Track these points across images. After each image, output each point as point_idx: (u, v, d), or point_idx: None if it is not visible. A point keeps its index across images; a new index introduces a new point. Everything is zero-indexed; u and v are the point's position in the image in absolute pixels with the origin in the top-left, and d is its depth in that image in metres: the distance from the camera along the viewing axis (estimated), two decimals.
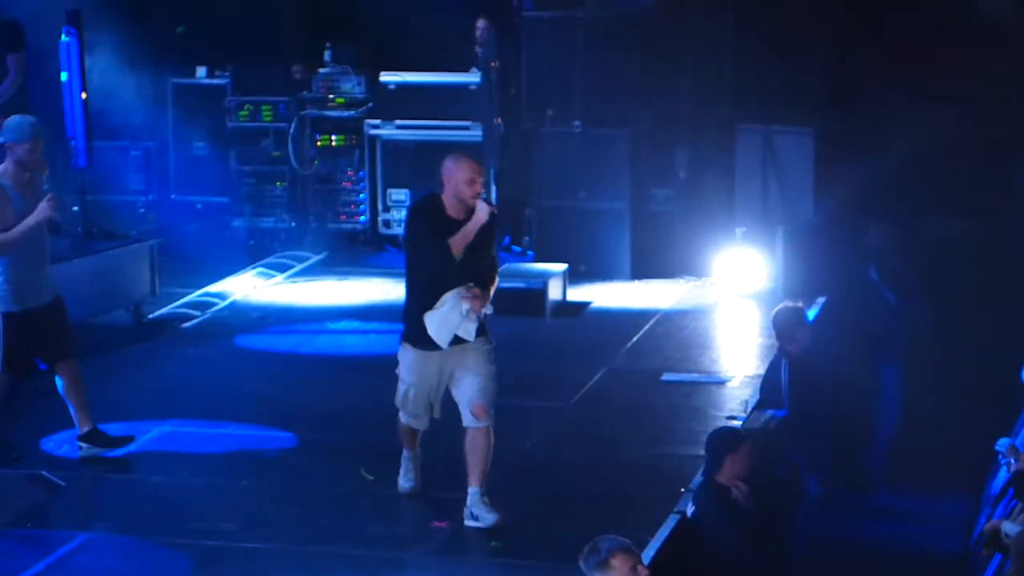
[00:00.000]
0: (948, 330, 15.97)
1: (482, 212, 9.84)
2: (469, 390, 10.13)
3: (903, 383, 14.94)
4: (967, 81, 19.05)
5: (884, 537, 13.35)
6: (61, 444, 11.73)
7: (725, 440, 9.95)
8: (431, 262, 9.91)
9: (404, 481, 10.75)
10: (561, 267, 16.37)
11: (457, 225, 9.86)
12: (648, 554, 8.87)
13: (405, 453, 10.75)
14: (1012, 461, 10.01)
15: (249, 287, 16.85)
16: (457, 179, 9.90)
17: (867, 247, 15.45)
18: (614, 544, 7.64)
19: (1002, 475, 11.55)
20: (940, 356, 15.50)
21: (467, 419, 10.18)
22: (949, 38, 18.74)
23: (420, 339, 10.09)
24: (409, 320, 10.16)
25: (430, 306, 9.97)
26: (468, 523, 10.13)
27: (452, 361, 10.16)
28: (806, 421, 11.47)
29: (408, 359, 10.26)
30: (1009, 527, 9.34)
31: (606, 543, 7.64)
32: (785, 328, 11.81)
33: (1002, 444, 10.33)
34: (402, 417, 10.51)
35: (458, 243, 9.82)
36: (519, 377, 13.55)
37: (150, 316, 15.53)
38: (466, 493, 10.18)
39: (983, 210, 18.12)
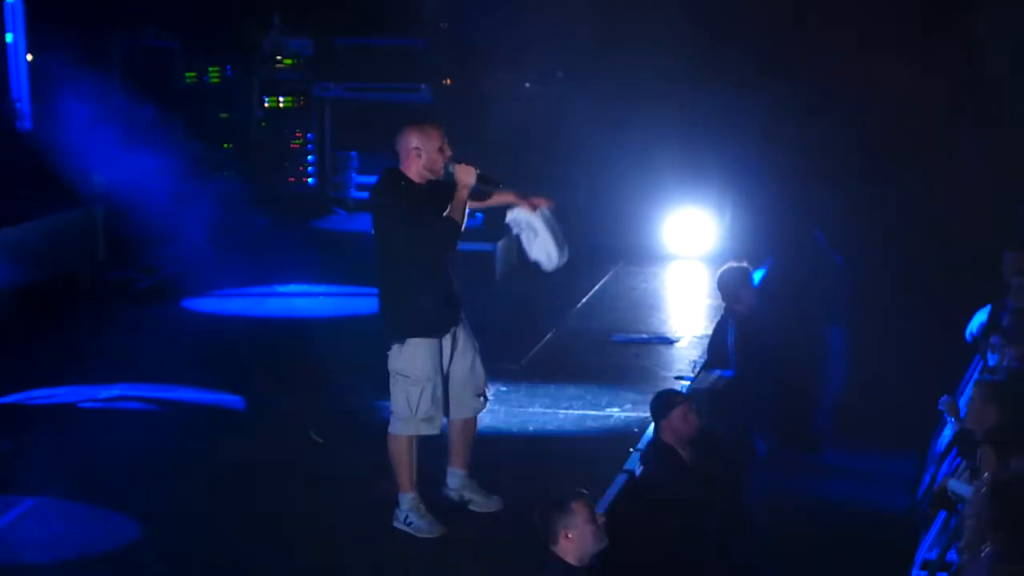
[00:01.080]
0: (895, 290, 16.11)
1: (468, 176, 9.17)
2: (472, 378, 9.60)
3: (849, 343, 15.06)
4: (914, 49, 19.16)
5: (831, 496, 13.46)
6: None
7: (667, 401, 10.02)
8: (436, 242, 9.22)
9: (431, 525, 9.54)
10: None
11: (432, 196, 9.26)
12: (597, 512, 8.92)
13: (412, 496, 9.53)
14: (952, 420, 10.10)
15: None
16: (428, 149, 9.18)
17: (816, 211, 15.56)
18: (572, 493, 7.74)
19: (947, 433, 11.66)
20: (886, 316, 15.63)
21: (475, 406, 9.67)
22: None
23: (428, 325, 9.36)
24: (407, 310, 9.33)
25: (439, 288, 9.31)
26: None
27: (450, 343, 9.53)
28: (752, 381, 11.55)
29: (419, 354, 9.35)
30: (955, 484, 9.43)
31: (566, 492, 7.74)
32: (730, 289, 11.88)
33: (943, 402, 10.42)
34: (408, 430, 9.47)
35: (461, 213, 9.18)
36: None
37: (100, 279, 15.46)
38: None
39: (930, 174, 18.24)
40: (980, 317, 13.29)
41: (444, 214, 9.16)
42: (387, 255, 9.34)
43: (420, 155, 9.20)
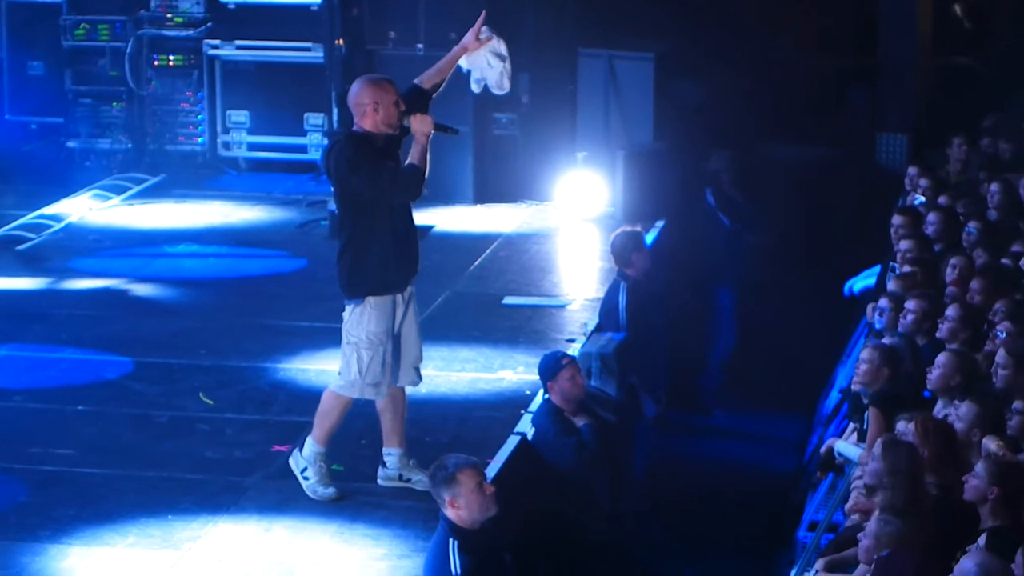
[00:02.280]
0: (782, 253, 16.25)
1: (425, 125, 9.09)
2: (414, 347, 9.48)
3: (737, 306, 15.19)
4: (806, 10, 19.30)
5: (719, 457, 13.60)
6: None
7: (555, 363, 10.06)
8: (405, 192, 9.12)
9: (326, 488, 9.51)
10: None
11: (390, 150, 9.19)
12: (489, 475, 8.93)
13: (321, 450, 9.48)
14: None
15: (85, 209, 16.59)
16: (387, 102, 9.11)
17: (706, 173, 15.66)
18: (461, 461, 7.74)
19: (834, 396, 11.81)
20: (775, 279, 15.78)
21: (412, 378, 9.56)
22: None
23: (386, 283, 9.28)
24: (365, 269, 9.22)
25: (402, 244, 9.23)
26: (387, 484, 9.58)
27: (403, 306, 9.39)
28: (643, 344, 11.62)
29: (375, 315, 9.23)
30: (842, 446, 9.54)
31: (452, 460, 7.74)
32: (622, 252, 11.93)
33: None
34: (351, 392, 9.39)
35: (424, 161, 9.09)
36: None
37: None
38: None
39: (819, 137, 18.39)
40: (866, 279, 13.45)
41: (407, 163, 9.12)
42: (350, 213, 9.30)
43: (377, 109, 9.15)
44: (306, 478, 9.46)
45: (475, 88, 9.80)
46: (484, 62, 9.66)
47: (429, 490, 7.81)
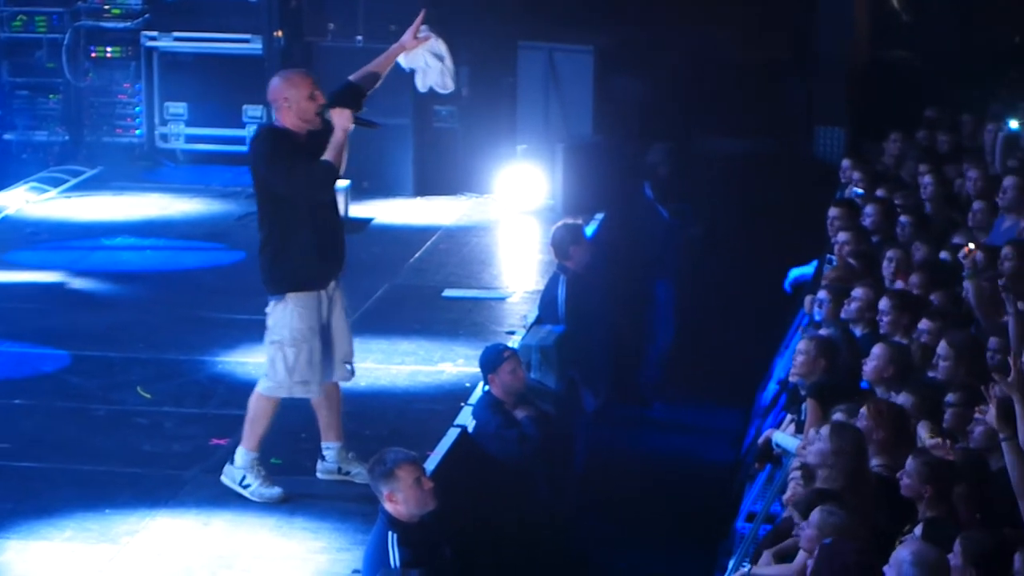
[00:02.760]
0: (721, 246, 16.32)
1: (344, 119, 9.01)
2: (344, 342, 9.38)
3: (676, 298, 15.24)
4: (743, 2, 19.36)
5: (658, 449, 13.67)
6: None
7: (495, 356, 10.07)
8: (319, 188, 9.05)
9: (270, 490, 9.39)
10: (343, 183, 16.21)
11: (311, 144, 9.09)
12: (430, 467, 8.95)
13: (254, 456, 9.36)
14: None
15: (21, 202, 16.48)
16: (298, 97, 9.02)
17: (645, 165, 15.71)
18: (400, 456, 7.74)
19: (771, 388, 11.87)
20: (712, 272, 15.84)
21: (342, 374, 9.44)
22: None
23: (308, 278, 9.20)
24: (287, 265, 9.16)
25: (322, 238, 9.15)
26: (327, 477, 9.55)
27: (327, 300, 9.31)
28: (582, 336, 11.64)
29: (298, 311, 9.14)
30: (780, 437, 9.59)
31: (391, 455, 7.74)
32: (561, 245, 11.96)
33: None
34: (279, 392, 9.28)
35: (339, 158, 9.03)
36: None
37: None
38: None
39: (756, 130, 18.47)
40: (804, 270, 13.53)
41: (321, 159, 9.03)
42: (268, 207, 9.24)
43: (290, 105, 9.08)
44: (247, 486, 9.36)
45: (421, 87, 9.75)
46: (422, 61, 9.65)
47: (368, 483, 7.81)
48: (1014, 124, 14.29)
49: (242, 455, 9.39)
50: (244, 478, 9.37)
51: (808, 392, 9.39)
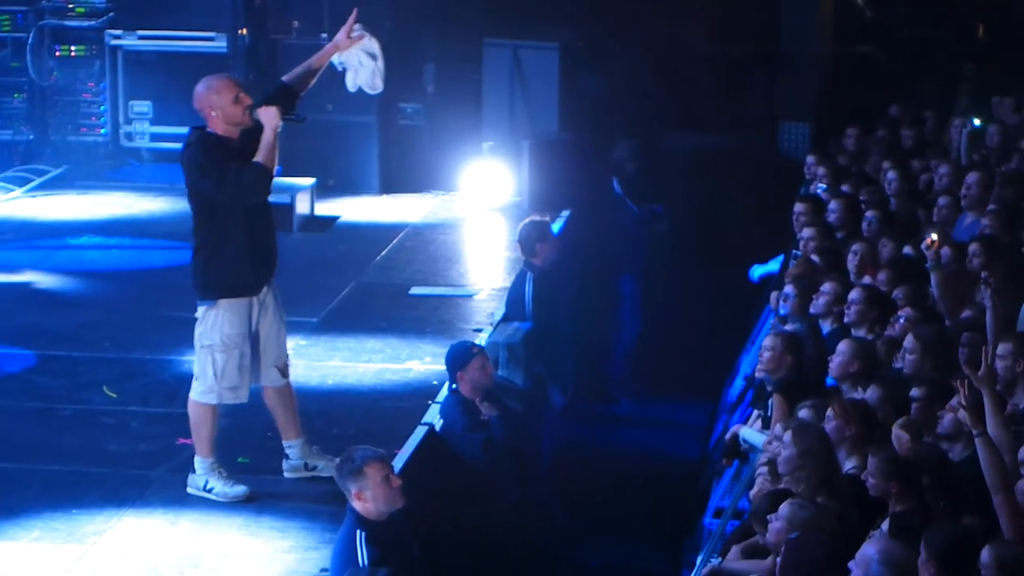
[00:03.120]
0: (687, 242, 16.35)
1: (272, 118, 8.99)
2: (275, 347, 9.34)
3: (643, 294, 15.27)
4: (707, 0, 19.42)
5: (626, 445, 13.68)
6: None
7: (464, 353, 10.06)
8: (253, 191, 9.02)
9: (233, 488, 9.38)
10: (309, 181, 16.28)
11: (244, 146, 9.08)
12: (397, 465, 8.94)
13: (210, 461, 9.37)
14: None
15: None
16: (223, 103, 9.00)
17: (612, 162, 15.73)
18: (368, 453, 7.73)
19: (738, 383, 11.90)
20: (679, 267, 15.87)
21: (273, 378, 9.40)
22: None
23: (241, 286, 9.17)
24: (219, 271, 9.13)
25: (255, 242, 9.11)
26: (293, 475, 9.52)
27: (258, 305, 9.27)
28: (550, 333, 11.65)
29: (229, 317, 9.14)
30: (747, 433, 9.61)
31: (360, 452, 7.73)
32: (528, 242, 11.96)
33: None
34: (210, 398, 9.28)
35: (271, 158, 9.01)
36: None
37: None
38: None
39: (722, 125, 18.52)
40: (770, 266, 13.56)
41: (253, 162, 9.01)
42: (202, 213, 9.21)
43: (216, 113, 9.06)
44: (211, 489, 9.35)
45: (351, 87, 9.77)
46: (356, 61, 9.67)
47: (334, 477, 7.80)
48: (978, 121, 14.37)
49: (199, 463, 9.40)
50: (207, 483, 9.36)
51: (775, 388, 9.42)
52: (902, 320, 9.62)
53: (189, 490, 9.40)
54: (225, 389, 9.24)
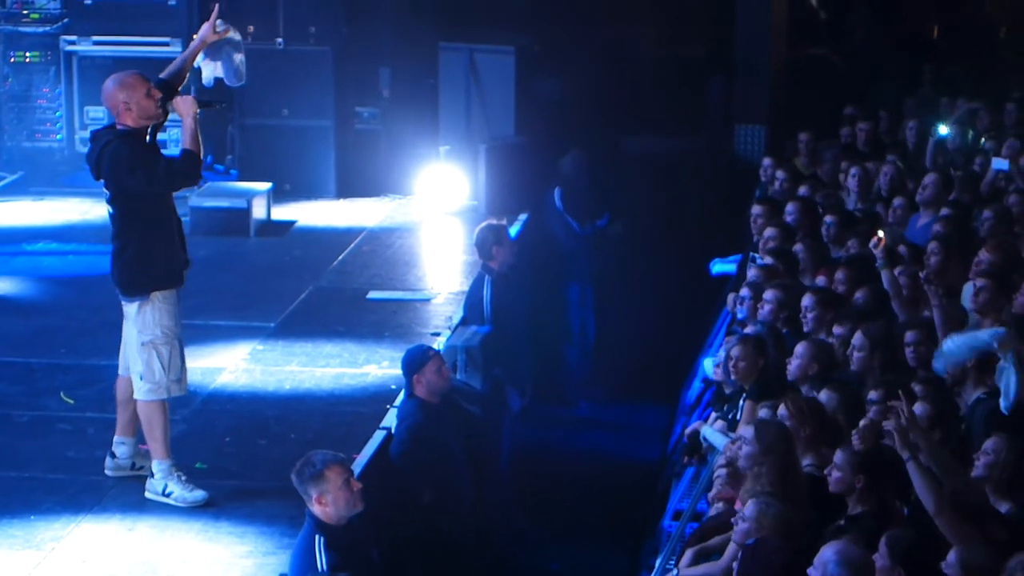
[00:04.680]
0: (643, 245, 16.38)
1: (188, 106, 9.11)
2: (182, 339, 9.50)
3: (594, 299, 15.27)
4: (662, 2, 19.45)
5: (585, 448, 13.69)
6: None
7: (420, 356, 10.04)
8: (184, 178, 9.14)
9: (192, 492, 9.38)
10: (265, 186, 16.26)
11: (153, 142, 9.25)
12: (356, 470, 8.93)
13: (169, 463, 9.38)
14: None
15: None
16: (137, 98, 9.08)
17: (559, 174, 15.72)
18: (328, 457, 7.71)
19: (696, 385, 11.93)
20: (636, 270, 15.90)
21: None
22: None
23: (171, 277, 9.25)
24: (151, 264, 9.18)
25: (176, 234, 9.24)
26: (118, 474, 9.55)
27: (180, 295, 9.37)
28: (508, 336, 11.65)
29: (166, 308, 9.19)
30: (709, 432, 9.62)
31: (320, 456, 7.71)
32: (484, 245, 11.96)
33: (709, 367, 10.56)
34: (159, 394, 9.28)
35: (196, 143, 9.09)
36: (223, 297, 13.47)
37: None
38: None
39: (678, 129, 18.56)
40: (728, 265, 13.60)
41: (180, 149, 9.10)
42: (125, 210, 9.23)
43: (130, 107, 9.14)
44: (169, 493, 9.34)
45: (207, 80, 9.85)
46: (223, 54, 9.78)
47: (295, 483, 7.76)
48: (943, 130, 14.42)
49: (158, 466, 9.39)
50: (165, 487, 9.35)
51: (749, 394, 9.39)
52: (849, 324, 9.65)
53: (148, 495, 9.38)
54: (172, 382, 9.30)
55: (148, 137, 9.23)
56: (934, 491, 7.11)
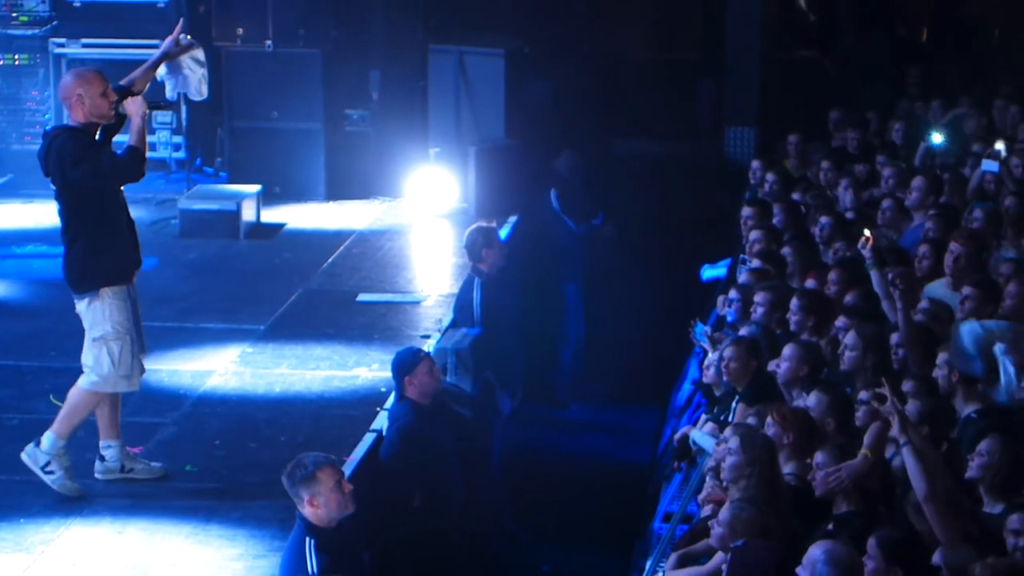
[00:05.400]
0: (634, 247, 16.40)
1: (138, 107, 9.19)
2: (141, 336, 9.49)
3: (585, 301, 15.28)
4: (653, 5, 19.47)
5: (575, 450, 13.70)
6: None
7: (411, 358, 10.04)
8: (129, 173, 9.18)
9: (72, 483, 9.44)
10: (255, 188, 16.25)
11: (102, 140, 9.30)
12: (347, 472, 8.93)
13: (63, 444, 9.39)
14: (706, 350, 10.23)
15: None
16: (92, 94, 9.17)
17: (553, 174, 15.73)
18: (320, 459, 7.71)
19: (686, 388, 11.93)
20: (626, 272, 15.91)
21: (142, 367, 9.50)
22: None
23: (122, 272, 9.34)
24: (101, 260, 9.25)
25: (127, 230, 9.35)
26: (108, 477, 9.58)
27: (133, 295, 9.43)
28: (498, 339, 11.65)
29: (116, 304, 9.28)
30: (698, 435, 9.62)
31: (311, 458, 7.71)
32: (474, 248, 11.95)
33: (699, 331, 10.56)
34: (105, 387, 9.39)
35: (142, 141, 9.17)
36: (213, 300, 13.47)
37: None
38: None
39: (668, 131, 18.57)
40: (719, 269, 13.61)
41: (126, 145, 9.17)
42: (74, 205, 9.28)
43: (83, 101, 9.18)
44: (50, 472, 9.38)
45: (170, 94, 9.93)
46: (186, 68, 9.86)
47: (285, 485, 7.75)
48: (937, 139, 14.41)
49: (50, 441, 9.40)
50: (48, 463, 9.39)
51: (742, 397, 9.38)
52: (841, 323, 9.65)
53: (24, 457, 9.40)
54: (120, 377, 9.36)
55: (98, 136, 9.26)
56: (927, 478, 7.13)
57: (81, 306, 9.36)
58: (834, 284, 10.49)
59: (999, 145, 13.65)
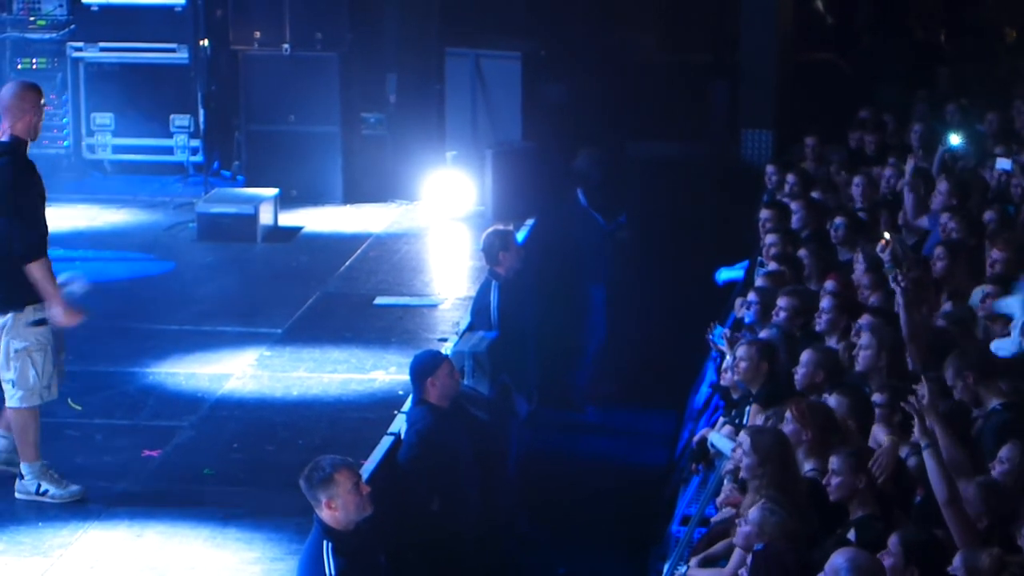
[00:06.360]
0: (651, 249, 16.39)
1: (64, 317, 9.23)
2: (57, 353, 9.47)
3: (607, 303, 15.28)
4: (668, 7, 19.46)
5: (592, 453, 13.69)
6: None
7: (431, 361, 10.03)
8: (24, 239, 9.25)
9: (68, 488, 9.48)
10: (272, 192, 16.26)
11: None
12: (364, 475, 8.92)
13: (40, 464, 9.42)
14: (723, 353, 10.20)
15: None
16: (32, 111, 9.23)
17: (575, 172, 15.74)
18: (337, 461, 7.70)
19: (703, 391, 11.91)
20: (643, 275, 15.90)
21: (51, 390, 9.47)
22: None
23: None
24: (25, 279, 9.23)
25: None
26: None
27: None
28: (515, 342, 11.64)
29: (39, 316, 9.28)
30: (716, 438, 9.61)
31: (328, 460, 7.70)
32: (491, 251, 11.93)
33: (718, 334, 10.54)
34: (33, 401, 9.30)
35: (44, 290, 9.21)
36: (231, 303, 13.49)
37: None
38: None
39: (684, 134, 18.56)
40: (733, 271, 13.60)
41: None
42: (23, 223, 9.33)
43: (22, 115, 9.21)
44: (45, 491, 9.39)
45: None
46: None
47: (303, 488, 7.74)
48: (955, 140, 14.36)
49: (28, 469, 9.40)
50: (39, 486, 9.38)
51: (754, 399, 9.36)
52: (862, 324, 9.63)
53: (18, 495, 9.38)
54: (43, 388, 9.32)
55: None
56: (947, 480, 7.12)
57: (4, 319, 9.25)
58: (866, 288, 10.44)
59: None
